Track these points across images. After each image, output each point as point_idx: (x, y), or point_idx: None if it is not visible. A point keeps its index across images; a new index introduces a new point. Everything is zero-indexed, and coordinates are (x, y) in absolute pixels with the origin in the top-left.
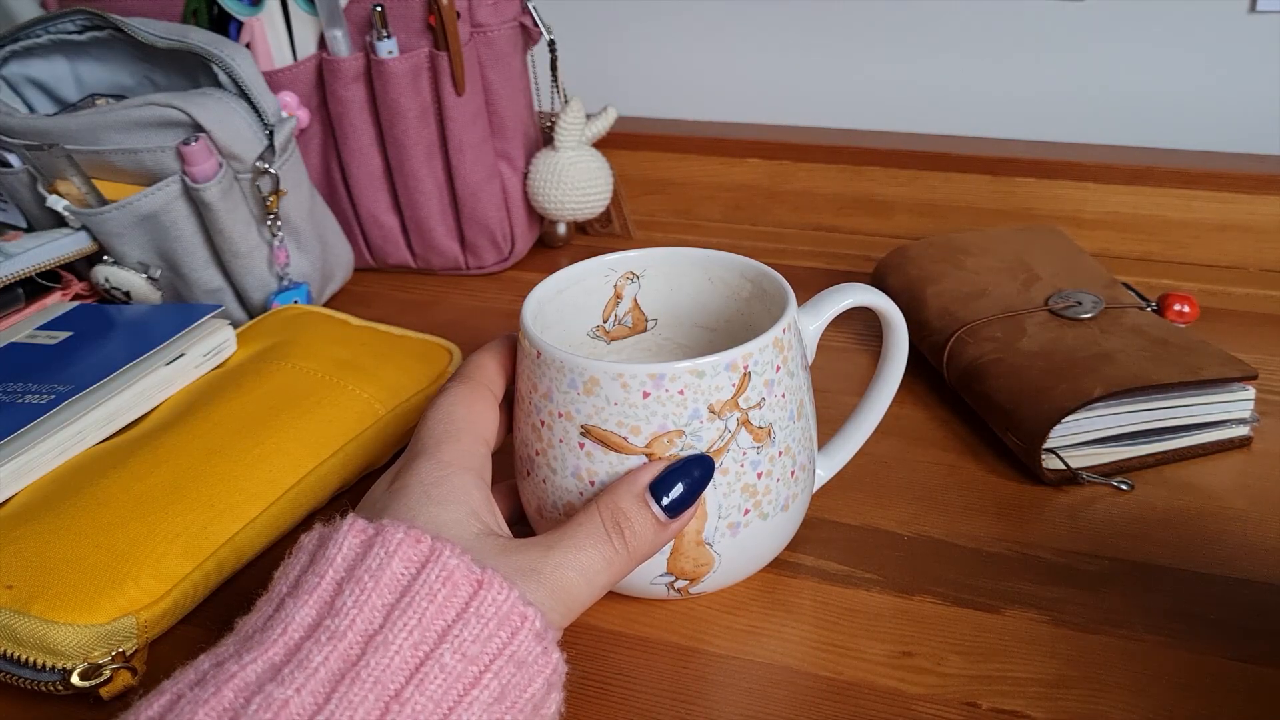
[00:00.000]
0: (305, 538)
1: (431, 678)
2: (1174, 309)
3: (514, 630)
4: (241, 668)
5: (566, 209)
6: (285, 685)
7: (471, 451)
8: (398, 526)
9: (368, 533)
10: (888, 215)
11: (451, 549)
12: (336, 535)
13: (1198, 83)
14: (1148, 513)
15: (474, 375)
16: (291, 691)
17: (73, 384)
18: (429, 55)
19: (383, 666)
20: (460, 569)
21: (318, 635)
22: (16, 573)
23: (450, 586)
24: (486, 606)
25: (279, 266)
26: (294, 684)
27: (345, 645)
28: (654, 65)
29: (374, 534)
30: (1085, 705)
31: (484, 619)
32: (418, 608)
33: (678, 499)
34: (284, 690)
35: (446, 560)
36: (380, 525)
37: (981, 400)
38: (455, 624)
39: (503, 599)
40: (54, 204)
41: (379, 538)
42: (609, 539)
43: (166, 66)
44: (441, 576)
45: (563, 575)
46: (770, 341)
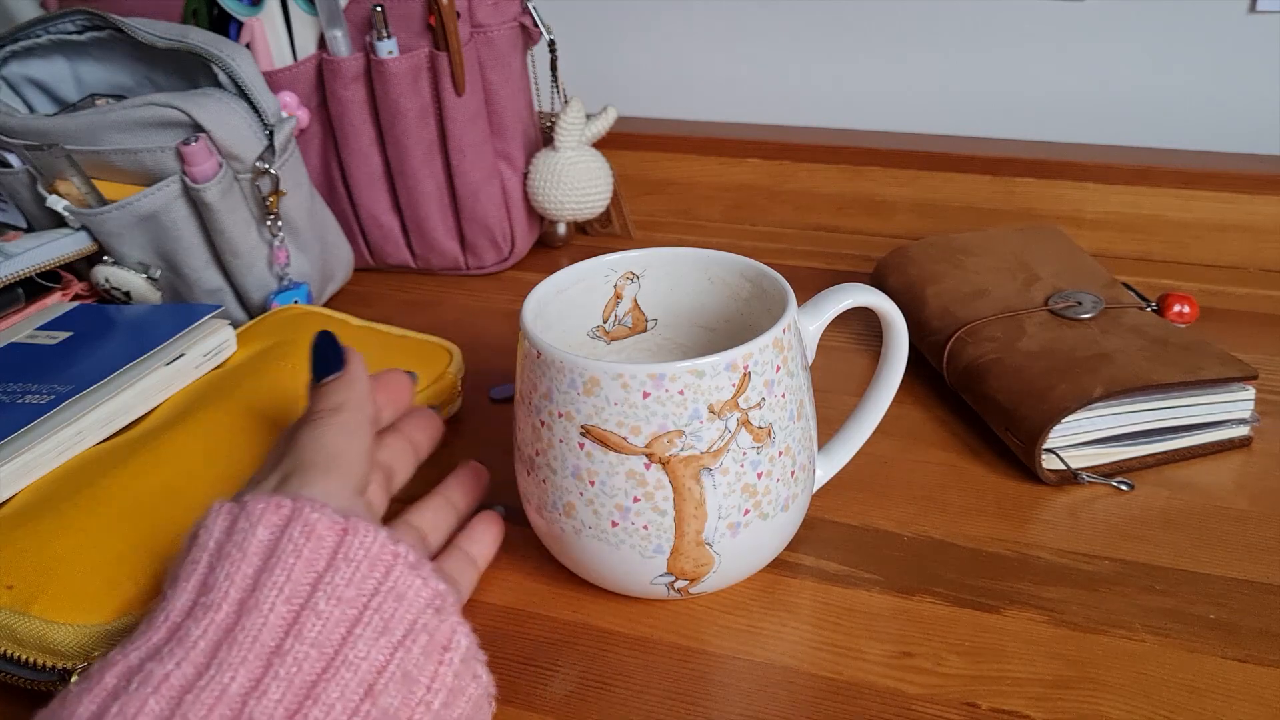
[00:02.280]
0: (183, 537)
1: (310, 626)
2: (1174, 309)
3: (387, 567)
4: (124, 655)
5: (566, 209)
6: (165, 661)
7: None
8: (259, 499)
9: (233, 512)
10: (888, 215)
11: (312, 505)
12: (206, 522)
13: (1198, 83)
14: (1148, 513)
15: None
16: (171, 665)
17: (73, 384)
18: (429, 55)
19: (259, 626)
20: (323, 521)
21: (195, 612)
22: (16, 573)
23: (315, 540)
24: (355, 550)
25: (279, 266)
26: (174, 659)
27: (221, 615)
28: (654, 65)
29: (239, 511)
30: (1085, 705)
31: (354, 562)
32: (285, 565)
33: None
34: (164, 666)
35: (308, 516)
36: (243, 502)
37: (981, 400)
38: (326, 572)
39: (370, 540)
40: (54, 204)
41: (243, 513)
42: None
43: (166, 66)
44: (305, 532)
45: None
46: (770, 341)
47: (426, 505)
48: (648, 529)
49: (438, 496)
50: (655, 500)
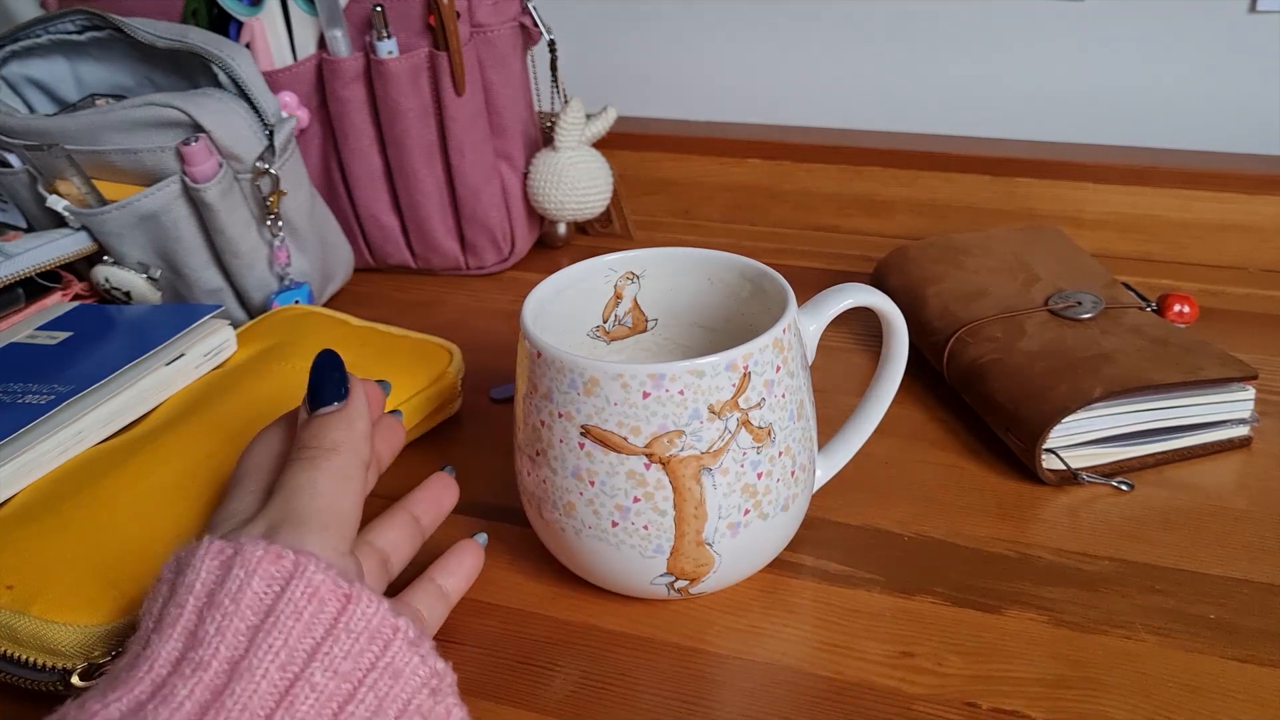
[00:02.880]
0: (164, 567)
1: (302, 699)
2: (1174, 309)
3: (386, 642)
4: (104, 706)
5: (566, 209)
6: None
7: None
8: (256, 544)
9: (226, 553)
10: (888, 215)
11: (316, 563)
12: (194, 560)
13: (1198, 83)
14: (1148, 513)
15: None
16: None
17: (73, 384)
18: (429, 55)
19: (250, 693)
20: (326, 584)
21: (182, 668)
22: (16, 573)
23: (316, 603)
24: (356, 621)
25: (279, 266)
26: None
27: (211, 675)
28: (654, 65)
29: (232, 554)
30: (1085, 705)
31: (354, 634)
32: (283, 628)
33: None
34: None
35: (311, 576)
36: (238, 544)
37: (981, 400)
38: (324, 641)
39: (372, 612)
40: (54, 204)
41: (238, 557)
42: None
43: (166, 67)
44: (307, 593)
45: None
46: (770, 342)
47: (390, 523)
48: (648, 529)
49: (402, 513)
50: (655, 500)
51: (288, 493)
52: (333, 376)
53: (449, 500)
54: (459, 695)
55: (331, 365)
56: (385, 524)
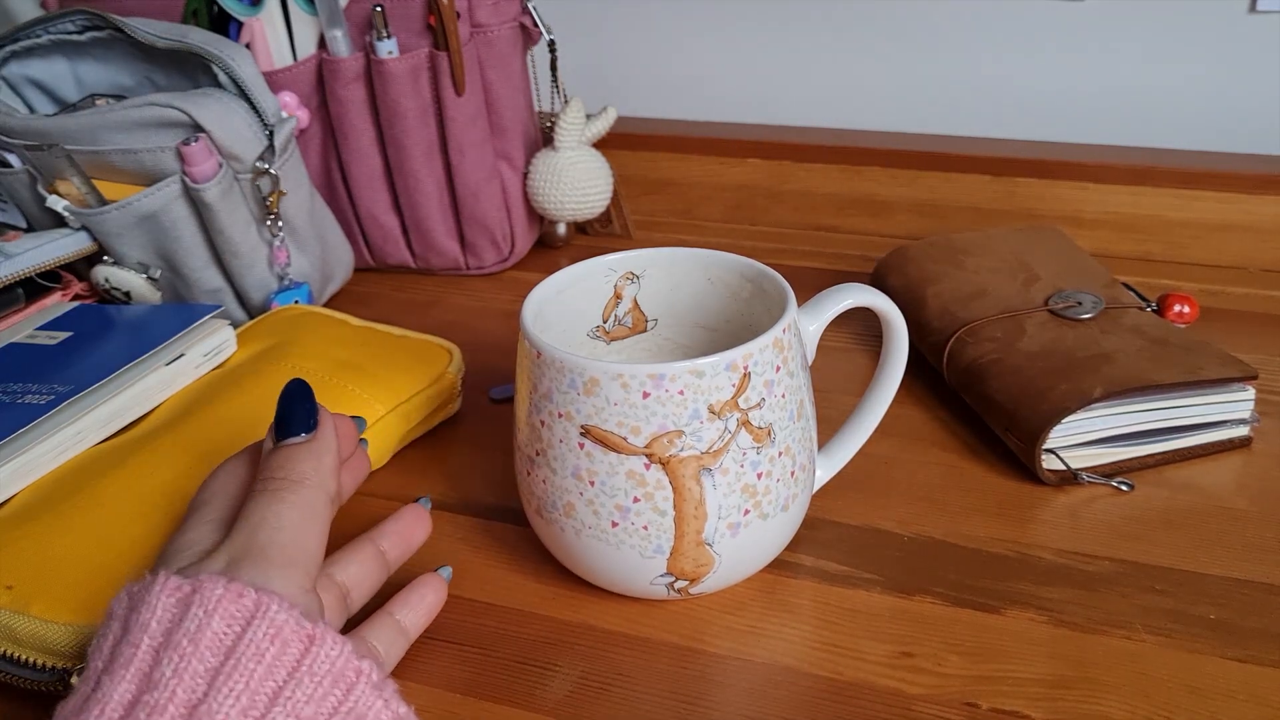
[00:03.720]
0: (114, 603)
1: None
2: (1174, 309)
3: (349, 686)
4: None
5: (566, 209)
6: None
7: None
8: (216, 581)
9: (183, 590)
10: (888, 215)
11: (279, 603)
12: (149, 597)
13: (1198, 83)
14: (1148, 513)
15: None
16: None
17: (73, 384)
18: (429, 55)
19: None
20: (289, 625)
21: (136, 712)
22: (16, 573)
23: (279, 644)
24: (319, 663)
25: (279, 266)
26: None
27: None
28: (654, 65)
29: (190, 591)
30: (1085, 705)
31: (317, 677)
32: (244, 670)
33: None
34: None
35: (274, 616)
36: (197, 581)
37: (981, 400)
38: (287, 684)
39: (336, 654)
40: (54, 204)
41: (196, 595)
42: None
43: (166, 66)
44: (269, 634)
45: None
46: (770, 342)
47: (353, 556)
48: (648, 529)
49: (368, 545)
50: (655, 500)
51: (250, 525)
52: (302, 407)
53: (420, 535)
54: None
55: (301, 395)
56: (348, 557)
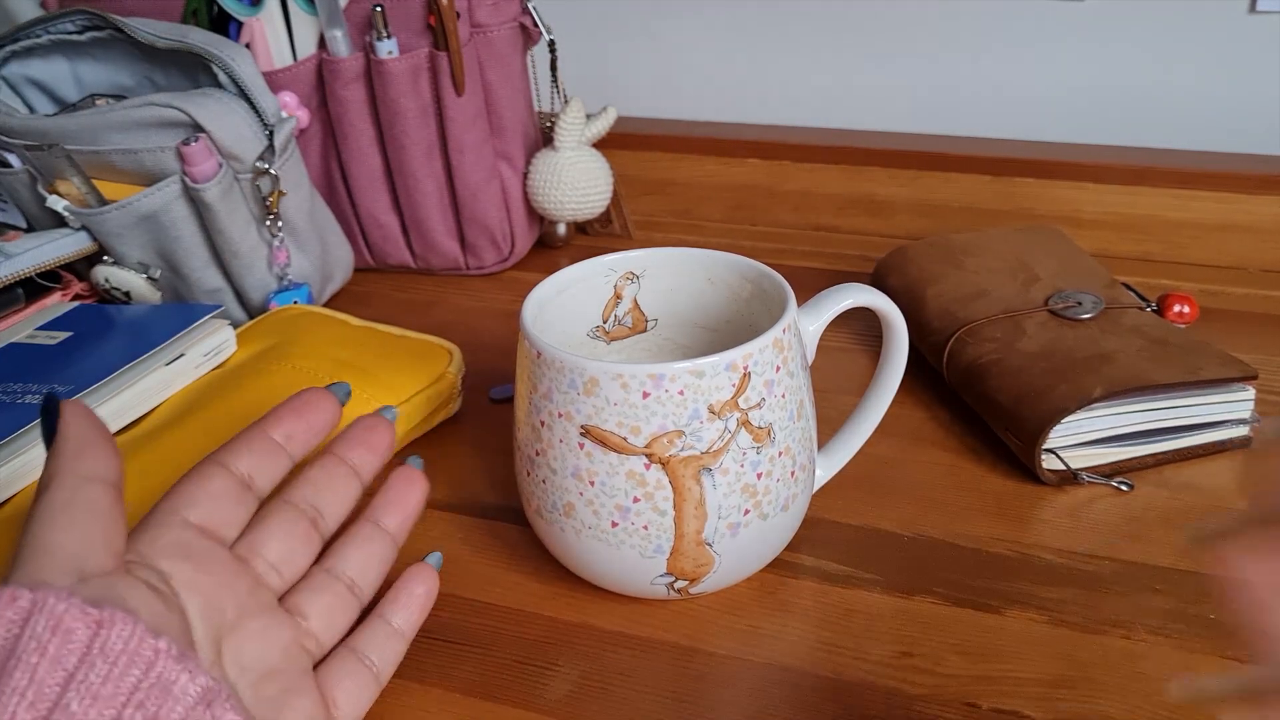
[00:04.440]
0: None
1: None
2: (1174, 309)
3: (148, 662)
4: None
5: (566, 209)
6: None
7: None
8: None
9: None
10: (888, 215)
11: (57, 595)
12: None
13: (1198, 83)
14: (1148, 513)
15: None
16: None
17: (73, 384)
18: (429, 55)
19: None
20: (71, 613)
21: None
22: None
23: (62, 634)
24: (111, 644)
25: (279, 266)
26: None
27: None
28: (654, 65)
29: None
30: (1085, 705)
31: (111, 657)
32: (26, 665)
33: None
34: None
35: (52, 607)
36: None
37: (981, 400)
38: (79, 669)
39: (128, 634)
40: (54, 204)
41: None
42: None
43: (166, 66)
44: (49, 626)
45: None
46: (770, 342)
47: (351, 543)
48: (648, 529)
49: (365, 525)
50: (655, 500)
51: (17, 544)
52: (44, 420)
53: (416, 497)
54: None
55: (46, 409)
56: (346, 545)
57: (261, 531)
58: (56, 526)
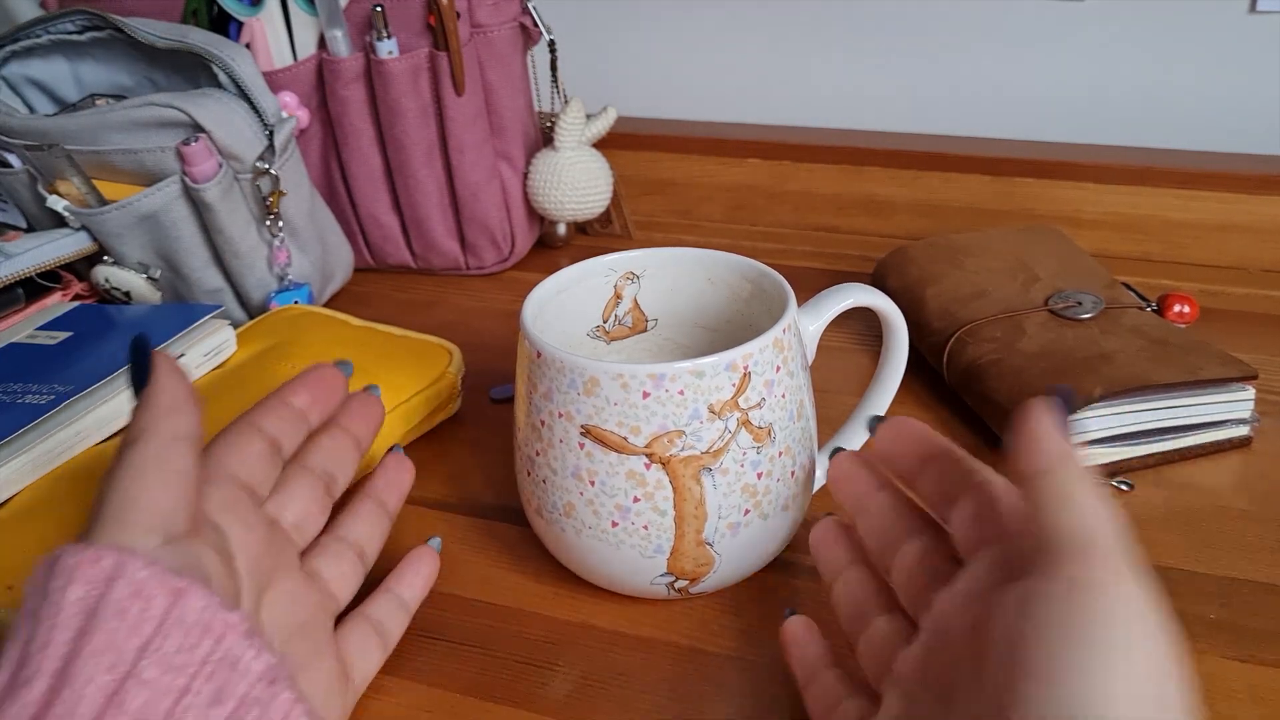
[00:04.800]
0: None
1: (133, 696)
2: (1174, 309)
3: (219, 635)
4: None
5: (566, 209)
6: None
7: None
8: (72, 550)
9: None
10: (888, 215)
11: (140, 561)
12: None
13: (1198, 83)
14: (1148, 513)
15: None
16: None
17: (73, 384)
18: (429, 55)
19: (75, 699)
20: (152, 580)
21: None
22: (17, 573)
23: (142, 600)
24: (188, 614)
25: (279, 266)
26: None
27: (35, 693)
28: (654, 65)
29: (50, 563)
30: None
31: (185, 627)
32: (107, 629)
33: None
34: None
35: (134, 574)
36: (54, 554)
37: (981, 400)
38: (155, 637)
39: (202, 605)
40: (54, 204)
41: (56, 566)
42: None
43: (166, 67)
44: (130, 591)
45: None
46: (770, 342)
47: (356, 514)
48: (648, 529)
49: (367, 501)
50: (655, 500)
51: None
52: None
53: (407, 479)
54: (297, 689)
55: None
56: (352, 516)
57: (284, 494)
58: (147, 484)
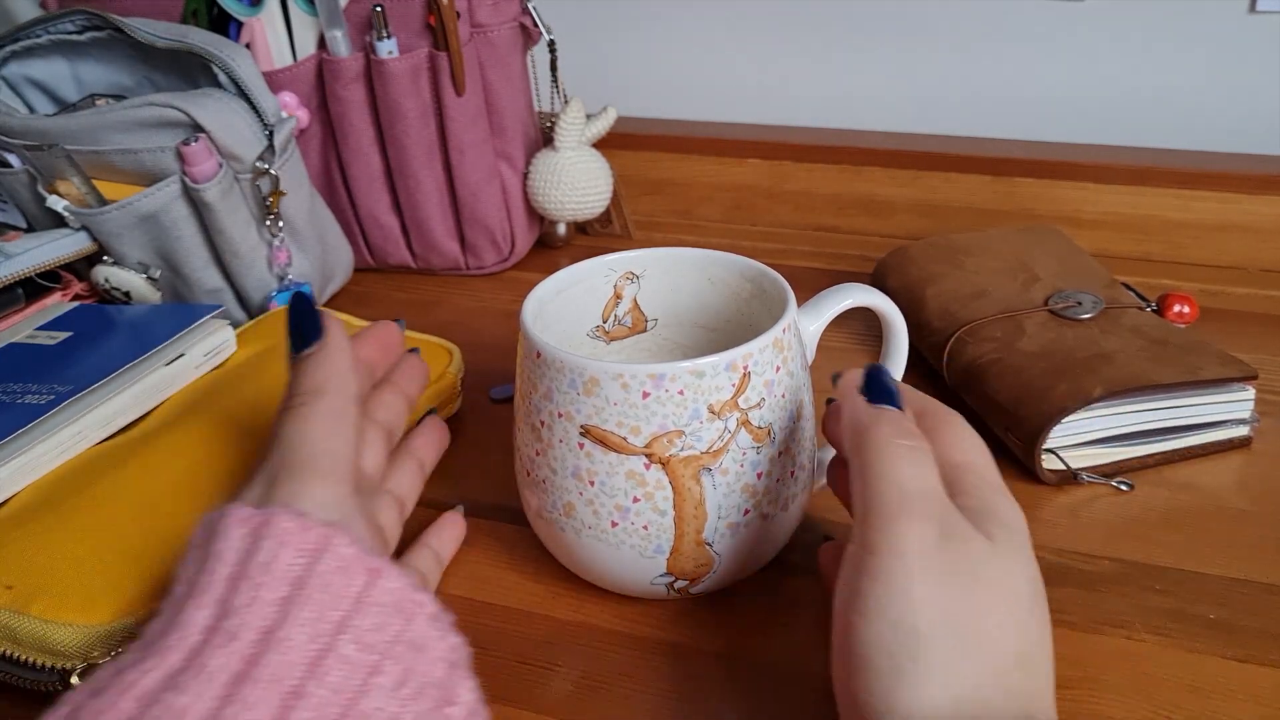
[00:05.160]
0: (195, 532)
1: (332, 669)
2: (1174, 309)
3: (409, 616)
4: (140, 675)
5: (566, 209)
6: (183, 692)
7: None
8: (286, 515)
9: (253, 521)
10: (888, 215)
11: (345, 537)
12: (223, 528)
13: (1198, 83)
14: (1148, 513)
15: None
16: (189, 698)
17: (73, 384)
18: (429, 55)
19: (280, 663)
20: (354, 558)
21: (214, 639)
22: (16, 573)
23: (345, 577)
24: (382, 595)
25: (279, 266)
26: (192, 690)
27: (242, 645)
28: (654, 65)
29: (260, 523)
30: (1085, 705)
31: (381, 606)
32: (314, 600)
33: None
34: (181, 697)
35: (340, 550)
36: (268, 514)
37: (981, 400)
38: (353, 614)
39: (396, 586)
40: (54, 204)
41: (267, 528)
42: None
43: (166, 67)
44: (337, 567)
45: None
46: (770, 342)
47: (400, 468)
48: (648, 529)
49: (407, 458)
50: (655, 500)
51: (281, 445)
52: (307, 317)
53: (444, 440)
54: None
55: (305, 307)
56: (396, 471)
57: (362, 442)
58: (336, 437)
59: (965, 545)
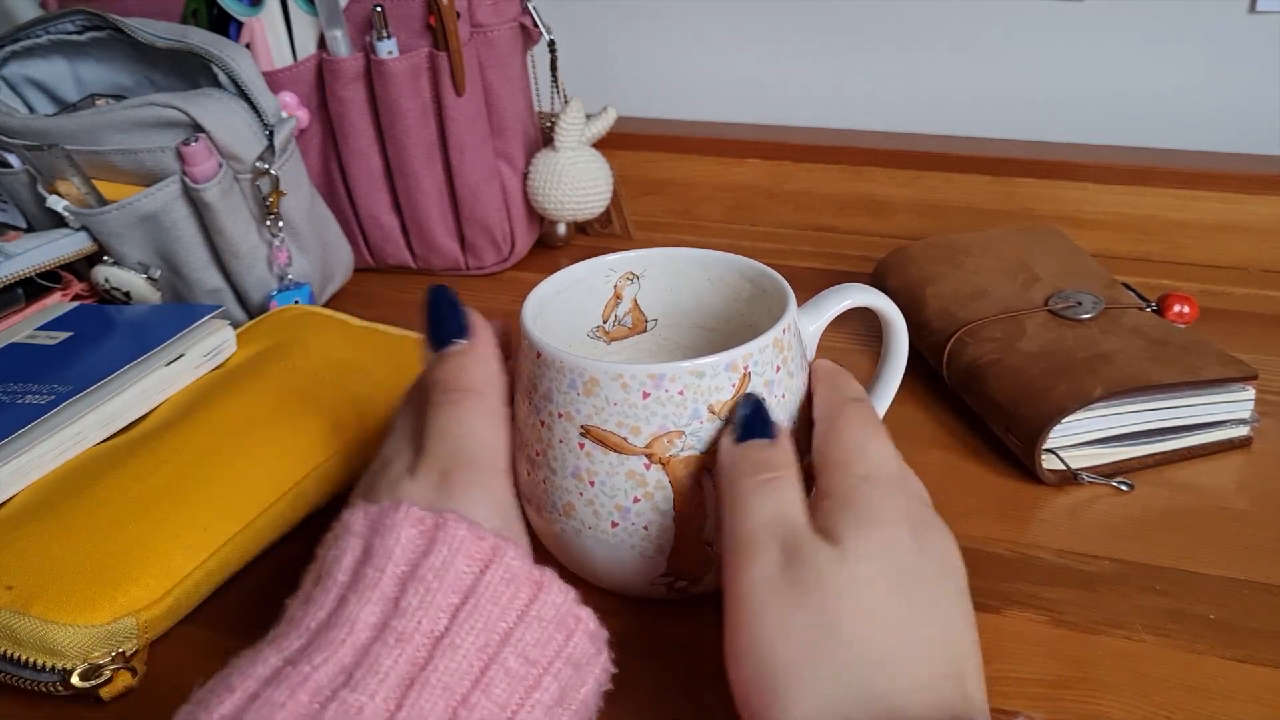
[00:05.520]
0: (351, 518)
1: (497, 681)
2: (1174, 309)
3: (569, 632)
4: (314, 669)
5: (566, 209)
6: (358, 691)
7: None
8: (460, 522)
9: (426, 523)
10: (888, 215)
11: (513, 549)
12: (393, 524)
13: (1198, 83)
14: (1148, 513)
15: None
16: (365, 697)
17: (73, 384)
18: (429, 55)
19: (450, 670)
20: (522, 571)
21: (385, 637)
22: (17, 573)
23: (513, 588)
24: (546, 609)
25: (279, 266)
26: (366, 689)
27: (413, 648)
28: (654, 65)
29: (434, 526)
30: (1085, 705)
31: (544, 621)
32: (483, 610)
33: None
34: (358, 696)
35: (509, 562)
36: (442, 518)
37: (981, 400)
38: (517, 626)
39: (560, 601)
40: (54, 204)
41: (441, 532)
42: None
43: (166, 67)
44: (505, 578)
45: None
46: (770, 342)
47: None
48: (648, 529)
49: None
50: (655, 500)
51: (449, 438)
52: (453, 312)
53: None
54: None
55: (449, 301)
56: None
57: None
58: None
59: (809, 561)
